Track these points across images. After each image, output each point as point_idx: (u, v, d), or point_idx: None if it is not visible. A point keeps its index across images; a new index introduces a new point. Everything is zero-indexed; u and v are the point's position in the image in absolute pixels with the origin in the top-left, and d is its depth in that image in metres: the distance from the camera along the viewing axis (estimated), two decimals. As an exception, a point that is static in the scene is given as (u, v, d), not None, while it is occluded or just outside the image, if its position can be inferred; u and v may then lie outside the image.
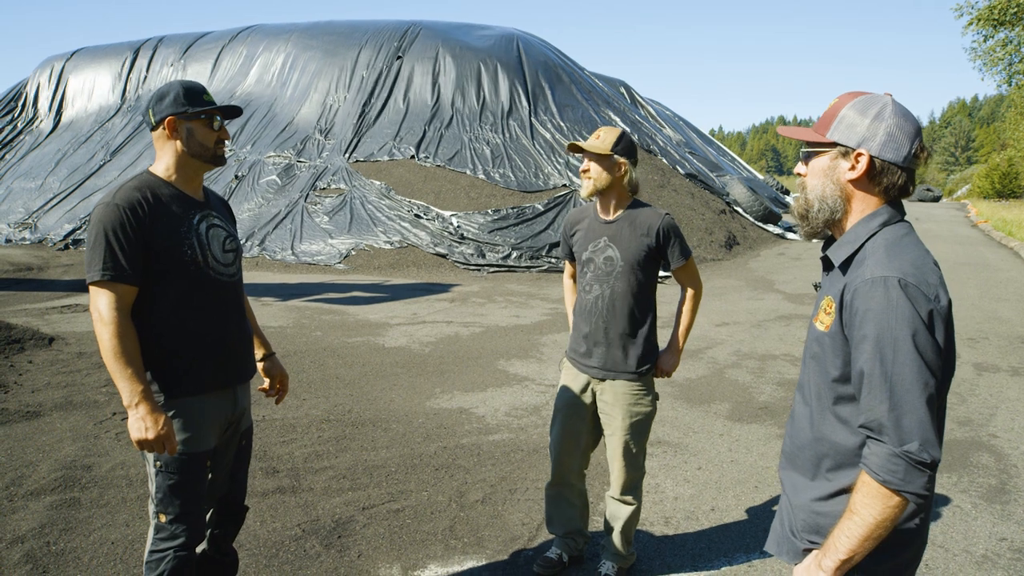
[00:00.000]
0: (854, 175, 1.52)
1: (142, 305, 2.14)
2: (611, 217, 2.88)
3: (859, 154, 1.51)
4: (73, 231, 15.16)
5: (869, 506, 1.39)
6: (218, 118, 2.25)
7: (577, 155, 2.94)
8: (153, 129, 2.24)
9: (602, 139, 2.82)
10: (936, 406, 1.40)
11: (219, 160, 2.28)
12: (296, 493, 3.80)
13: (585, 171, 2.84)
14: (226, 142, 2.31)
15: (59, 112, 20.64)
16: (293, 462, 4.20)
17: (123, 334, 2.04)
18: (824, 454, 1.57)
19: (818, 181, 1.57)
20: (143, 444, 2.05)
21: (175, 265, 2.16)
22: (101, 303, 2.05)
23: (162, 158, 2.25)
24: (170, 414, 2.15)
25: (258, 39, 19.48)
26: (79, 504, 3.58)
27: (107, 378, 5.69)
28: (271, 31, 19.69)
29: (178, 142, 2.21)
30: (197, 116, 2.21)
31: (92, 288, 2.07)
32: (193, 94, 2.21)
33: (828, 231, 1.62)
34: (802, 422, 1.64)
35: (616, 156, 2.80)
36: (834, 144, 1.54)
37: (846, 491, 1.51)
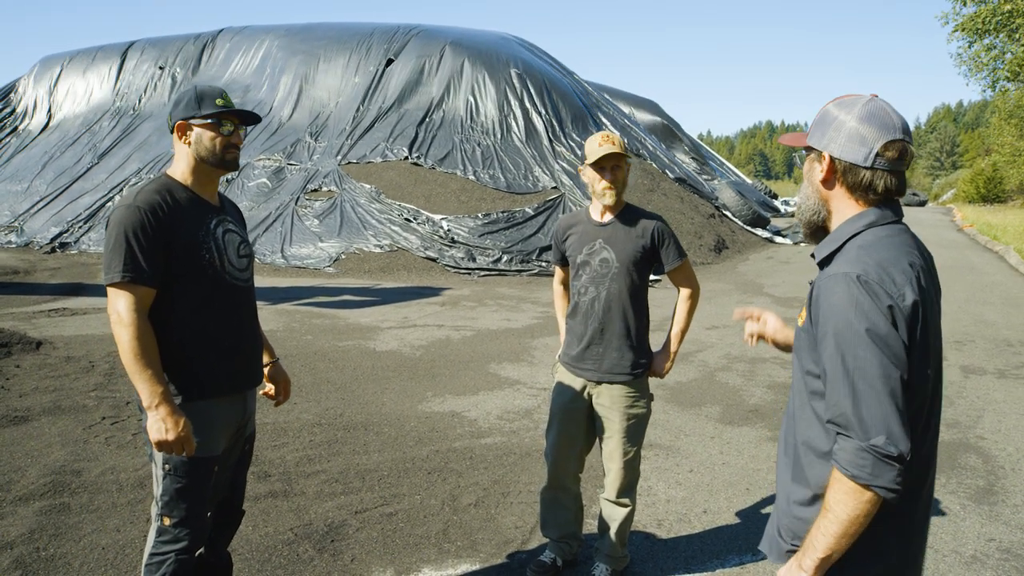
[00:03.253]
0: (820, 176, 1.56)
1: (160, 308, 2.13)
2: (606, 220, 2.90)
3: (823, 156, 1.55)
4: (60, 234, 15.04)
5: (842, 502, 1.39)
6: (228, 123, 2.23)
7: (599, 168, 2.88)
8: (172, 133, 2.26)
9: (618, 144, 2.79)
10: (911, 399, 1.39)
11: (228, 165, 2.27)
12: (288, 497, 3.78)
13: (613, 181, 2.80)
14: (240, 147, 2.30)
15: (47, 114, 20.50)
16: (285, 466, 4.18)
17: (143, 336, 2.03)
18: (802, 451, 1.57)
19: (804, 183, 1.64)
20: (162, 445, 2.05)
21: (193, 268, 2.16)
22: (120, 304, 2.04)
23: (178, 162, 2.26)
24: None
25: (248, 41, 19.43)
26: (69, 509, 3.55)
27: (96, 382, 5.65)
28: (261, 33, 19.64)
29: (189, 146, 2.22)
30: (205, 120, 2.21)
31: (111, 289, 2.06)
32: (204, 98, 2.22)
33: (818, 232, 1.63)
34: (789, 419, 1.66)
35: (629, 157, 2.83)
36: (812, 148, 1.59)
37: (823, 496, 1.49)
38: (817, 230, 1.62)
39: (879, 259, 1.44)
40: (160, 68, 19.86)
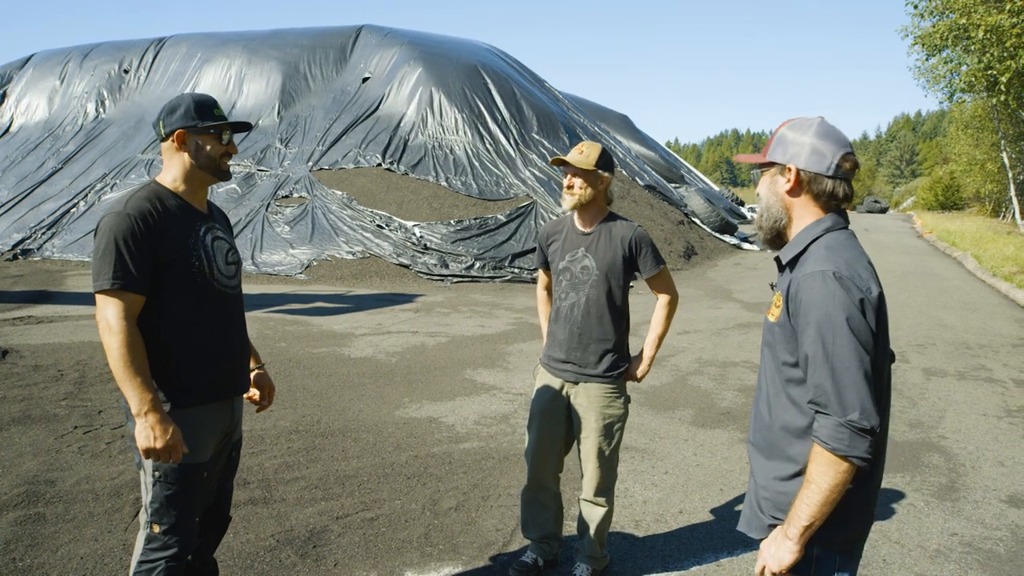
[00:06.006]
0: (788, 187, 1.78)
1: (148, 315, 2.14)
2: (589, 229, 2.98)
3: (789, 168, 1.76)
4: (22, 240, 14.70)
5: (823, 474, 1.58)
6: (226, 132, 2.27)
7: (559, 168, 2.98)
8: (163, 140, 2.27)
9: (586, 155, 2.89)
10: (874, 381, 1.58)
11: (225, 175, 2.30)
12: (268, 504, 3.78)
13: (570, 187, 2.91)
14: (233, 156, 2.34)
15: (8, 119, 20.03)
16: (264, 473, 4.17)
17: (132, 343, 2.04)
18: (779, 435, 1.75)
19: (765, 195, 1.84)
20: (150, 453, 2.06)
21: (182, 276, 2.18)
22: (109, 312, 2.05)
23: (170, 169, 2.28)
24: None
25: (216, 47, 19.21)
26: (44, 519, 3.51)
27: (66, 391, 5.57)
28: (230, 39, 19.44)
29: (187, 155, 2.24)
30: (207, 130, 2.23)
31: (100, 297, 2.07)
32: (203, 108, 2.24)
33: (778, 238, 1.85)
34: (761, 406, 1.84)
35: (600, 171, 2.89)
36: (773, 163, 1.80)
37: (803, 472, 1.67)
38: (776, 236, 1.84)
39: (847, 258, 1.66)
40: (124, 71, 19.55)
